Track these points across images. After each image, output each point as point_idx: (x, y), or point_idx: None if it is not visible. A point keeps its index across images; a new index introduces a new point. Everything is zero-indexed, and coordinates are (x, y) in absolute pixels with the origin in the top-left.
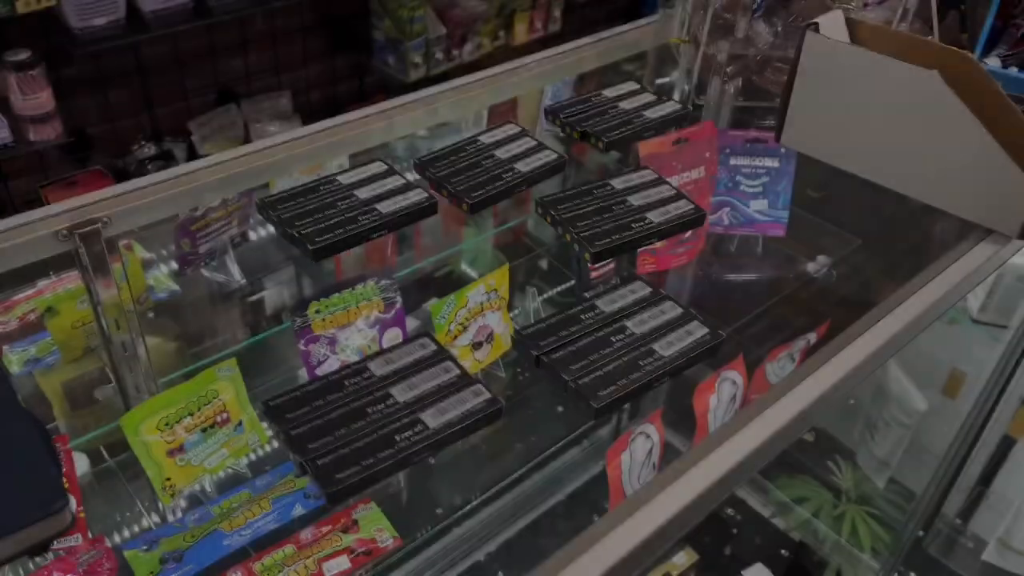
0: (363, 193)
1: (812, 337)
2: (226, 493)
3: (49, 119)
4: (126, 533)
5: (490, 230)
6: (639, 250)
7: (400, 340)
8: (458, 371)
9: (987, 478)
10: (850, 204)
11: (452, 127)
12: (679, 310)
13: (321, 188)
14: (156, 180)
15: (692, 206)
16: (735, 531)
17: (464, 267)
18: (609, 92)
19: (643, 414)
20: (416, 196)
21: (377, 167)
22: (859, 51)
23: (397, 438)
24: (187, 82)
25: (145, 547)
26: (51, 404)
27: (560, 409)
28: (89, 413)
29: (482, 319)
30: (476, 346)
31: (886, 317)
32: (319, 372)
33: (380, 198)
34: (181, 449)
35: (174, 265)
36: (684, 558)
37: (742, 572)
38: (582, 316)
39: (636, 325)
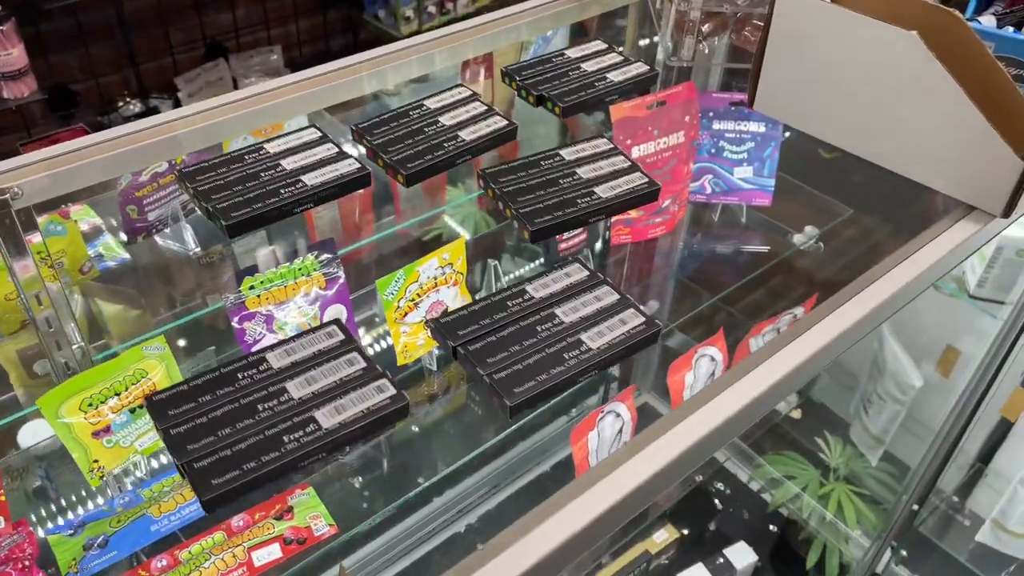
0: (290, 163)
1: (799, 311)
2: (158, 476)
3: (22, 76)
4: (59, 519)
5: (475, 191)
6: (613, 220)
7: (345, 317)
8: (363, 364)
9: (986, 456)
10: (840, 171)
11: (432, 82)
12: (615, 296)
13: (247, 158)
14: (71, 148)
15: (646, 180)
16: (721, 507)
17: (449, 228)
18: (573, 52)
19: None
20: (346, 167)
21: (310, 134)
22: (835, 9)
23: (285, 439)
24: (173, 36)
25: (70, 532)
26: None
27: None
28: (45, 384)
29: (435, 294)
30: (429, 323)
31: (851, 299)
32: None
33: (307, 169)
34: (108, 430)
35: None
36: (665, 535)
37: (723, 551)
38: (509, 303)
39: (566, 313)
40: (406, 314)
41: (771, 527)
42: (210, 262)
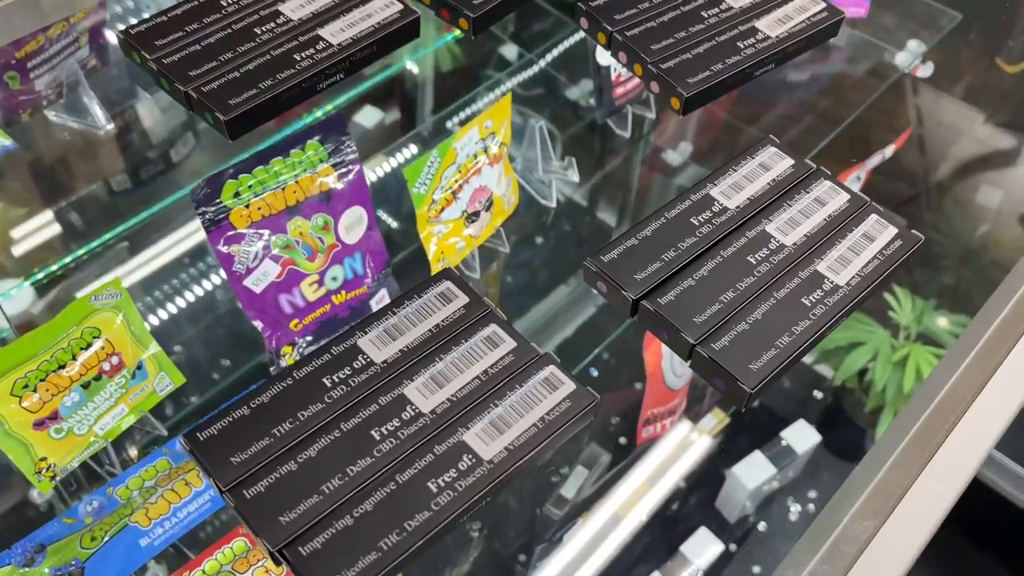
0: (295, 8)
1: (889, 150)
2: (135, 465)
3: None
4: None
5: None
6: None
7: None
8: None
9: None
10: None
11: None
12: None
13: (224, 3)
14: None
15: (821, 7)
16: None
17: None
18: None
19: None
20: (383, 9)
21: None
22: None
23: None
24: None
25: (25, 561)
26: None
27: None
28: None
29: (477, 179)
30: (471, 218)
31: None
32: (253, 285)
33: (324, 17)
34: (55, 417)
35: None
36: (714, 421)
37: (781, 433)
38: None
39: None
40: (442, 209)
41: (831, 402)
42: None
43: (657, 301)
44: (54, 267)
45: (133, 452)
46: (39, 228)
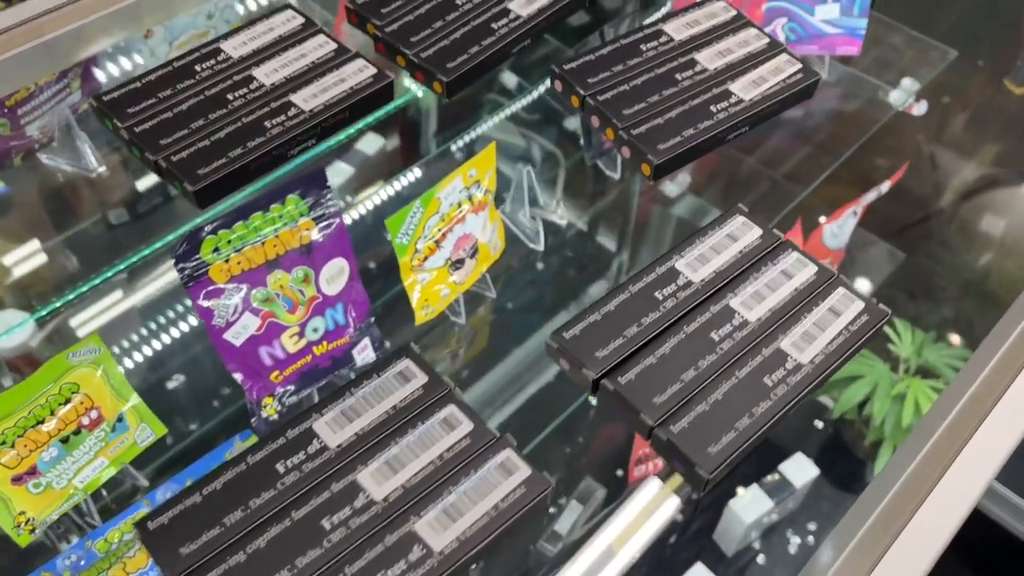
0: (267, 73)
1: (884, 186)
2: (114, 518)
3: None
4: None
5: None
6: None
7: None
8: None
9: None
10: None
11: None
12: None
13: (199, 68)
14: None
15: (797, 67)
16: None
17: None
18: None
19: None
20: (356, 74)
21: (288, 21)
22: None
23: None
24: None
25: None
26: None
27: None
28: None
29: (461, 227)
30: (455, 265)
31: None
32: (233, 338)
33: (297, 82)
34: (33, 472)
35: None
36: None
37: (779, 467)
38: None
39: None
40: (426, 258)
41: (830, 434)
42: None
43: (617, 380)
44: (43, 311)
45: (108, 504)
46: (31, 269)
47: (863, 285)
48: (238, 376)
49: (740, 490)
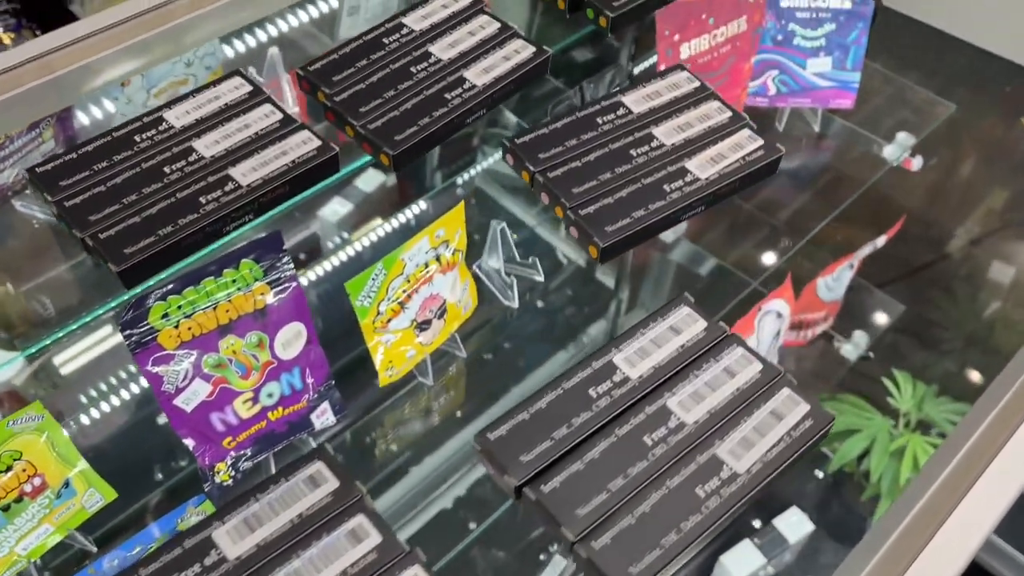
0: (208, 145)
1: (880, 240)
2: None
3: None
4: None
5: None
6: None
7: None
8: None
9: None
10: (939, 52)
11: None
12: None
13: (138, 138)
14: None
15: (758, 143)
16: None
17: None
18: None
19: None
20: (300, 147)
21: (235, 88)
22: None
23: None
24: None
25: None
26: None
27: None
28: None
29: (428, 288)
30: (421, 326)
31: None
32: (183, 404)
33: (238, 154)
34: None
35: None
36: None
37: (773, 521)
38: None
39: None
40: (389, 320)
41: (828, 485)
42: None
43: (540, 489)
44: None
45: (61, 568)
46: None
47: (861, 337)
48: (189, 442)
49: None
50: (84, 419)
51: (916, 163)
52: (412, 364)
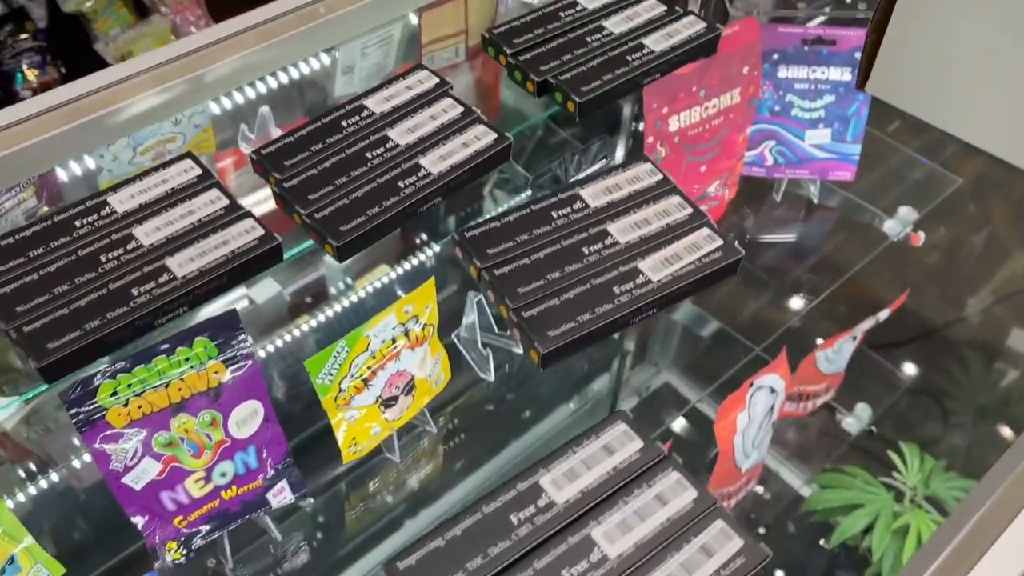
0: (148, 232)
1: (883, 314)
2: None
3: None
4: None
5: None
6: None
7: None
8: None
9: None
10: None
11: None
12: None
13: (78, 223)
14: None
15: (717, 244)
16: (762, 531)
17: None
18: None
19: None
20: (241, 236)
21: (183, 170)
22: None
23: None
24: None
25: None
26: None
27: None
28: None
29: (395, 364)
30: (387, 403)
31: None
32: (132, 482)
33: (177, 241)
34: None
35: None
36: None
37: None
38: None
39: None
40: (352, 397)
41: (831, 558)
42: None
43: None
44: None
45: None
46: None
47: (864, 410)
48: (138, 520)
49: None
50: (32, 490)
51: (920, 239)
52: (377, 440)
